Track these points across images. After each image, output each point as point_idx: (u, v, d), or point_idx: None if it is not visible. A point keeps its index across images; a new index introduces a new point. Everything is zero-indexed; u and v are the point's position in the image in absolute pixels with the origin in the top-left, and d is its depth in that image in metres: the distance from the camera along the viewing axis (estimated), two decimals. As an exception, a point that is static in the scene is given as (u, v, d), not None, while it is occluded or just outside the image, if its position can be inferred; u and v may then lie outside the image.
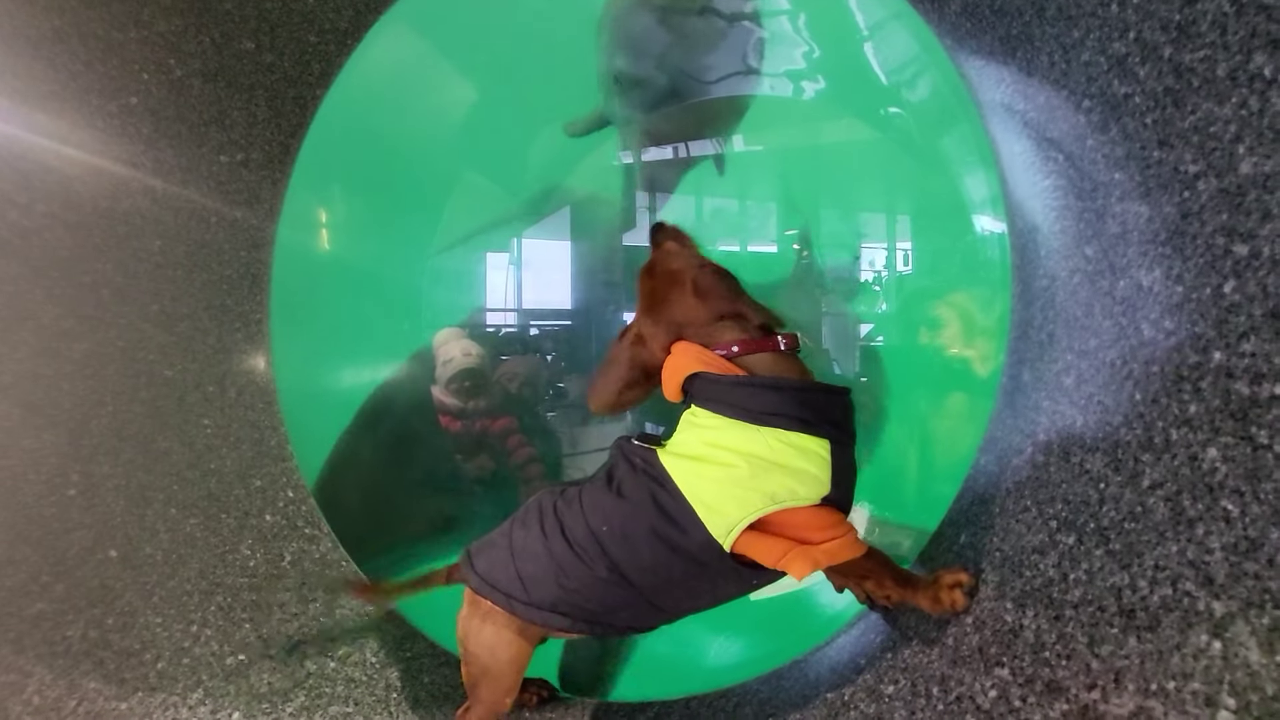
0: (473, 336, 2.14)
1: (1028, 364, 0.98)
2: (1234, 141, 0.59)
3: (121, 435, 1.37)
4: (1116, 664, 0.58)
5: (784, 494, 0.80)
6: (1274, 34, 0.55)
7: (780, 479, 0.80)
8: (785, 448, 0.81)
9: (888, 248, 2.34)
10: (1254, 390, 0.54)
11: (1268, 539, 0.49)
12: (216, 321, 1.60)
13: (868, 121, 2.19)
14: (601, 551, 0.87)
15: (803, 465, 0.81)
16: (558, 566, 0.90)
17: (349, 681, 1.25)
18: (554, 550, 0.91)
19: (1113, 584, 0.63)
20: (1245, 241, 0.58)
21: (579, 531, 0.89)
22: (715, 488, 0.82)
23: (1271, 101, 0.56)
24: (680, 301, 0.94)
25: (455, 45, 1.94)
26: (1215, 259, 0.61)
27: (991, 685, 0.72)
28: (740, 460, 0.81)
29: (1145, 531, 0.62)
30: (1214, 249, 0.61)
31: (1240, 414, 0.55)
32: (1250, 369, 0.55)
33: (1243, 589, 0.49)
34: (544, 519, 0.94)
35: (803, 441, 0.81)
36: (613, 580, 0.87)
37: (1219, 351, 0.59)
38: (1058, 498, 0.79)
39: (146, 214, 1.49)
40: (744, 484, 0.80)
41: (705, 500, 0.82)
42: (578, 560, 0.89)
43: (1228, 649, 0.49)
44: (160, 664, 1.17)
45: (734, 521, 0.81)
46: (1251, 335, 0.55)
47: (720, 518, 0.81)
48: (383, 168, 1.92)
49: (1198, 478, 0.58)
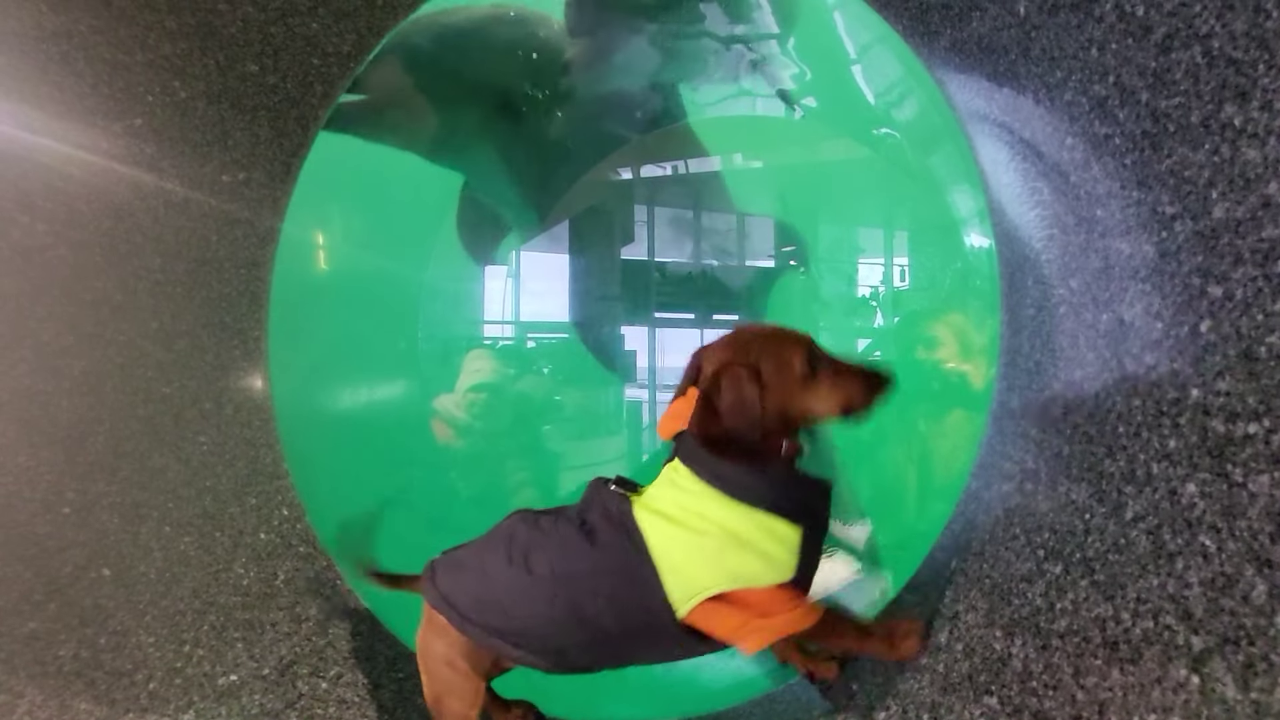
0: (462, 345, 2.14)
1: (1017, 390, 1.00)
2: (1208, 186, 0.62)
3: (118, 453, 1.38)
4: (1100, 695, 0.59)
5: (748, 574, 0.81)
6: (1242, 86, 0.58)
7: (747, 559, 0.81)
8: (758, 529, 0.81)
9: (884, 263, 2.37)
10: (1229, 428, 0.56)
11: (1243, 575, 0.50)
12: (215, 339, 1.61)
13: (859, 139, 2.23)
14: (556, 593, 0.87)
15: (772, 549, 0.81)
16: (513, 598, 0.90)
17: (340, 703, 1.24)
18: (514, 581, 0.90)
19: (1097, 615, 0.64)
20: (1219, 283, 0.60)
21: (542, 568, 0.89)
22: (684, 553, 0.82)
23: (1241, 150, 0.58)
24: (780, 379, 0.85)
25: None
26: (1192, 298, 0.63)
27: (980, 714, 0.73)
28: (713, 532, 0.82)
29: (1128, 564, 0.63)
30: (1190, 289, 0.63)
31: (1217, 451, 0.56)
32: (1225, 407, 0.57)
33: (1219, 624, 0.51)
34: (512, 546, 0.93)
35: (776, 525, 0.82)
36: (564, 622, 0.88)
37: (1196, 389, 0.60)
38: (1045, 526, 0.80)
39: (148, 232, 1.51)
40: (711, 556, 0.81)
41: (673, 563, 0.83)
42: (533, 597, 0.89)
43: (1205, 684, 0.50)
44: (152, 684, 1.17)
45: (697, 590, 0.82)
46: (1227, 374, 0.57)
47: (683, 584, 0.82)
48: (382, 187, 1.94)
49: (1177, 512, 0.59)
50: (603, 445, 2.47)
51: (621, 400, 2.46)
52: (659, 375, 2.44)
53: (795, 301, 2.38)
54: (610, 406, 2.49)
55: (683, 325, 2.52)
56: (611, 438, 2.51)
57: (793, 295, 2.39)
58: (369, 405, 1.84)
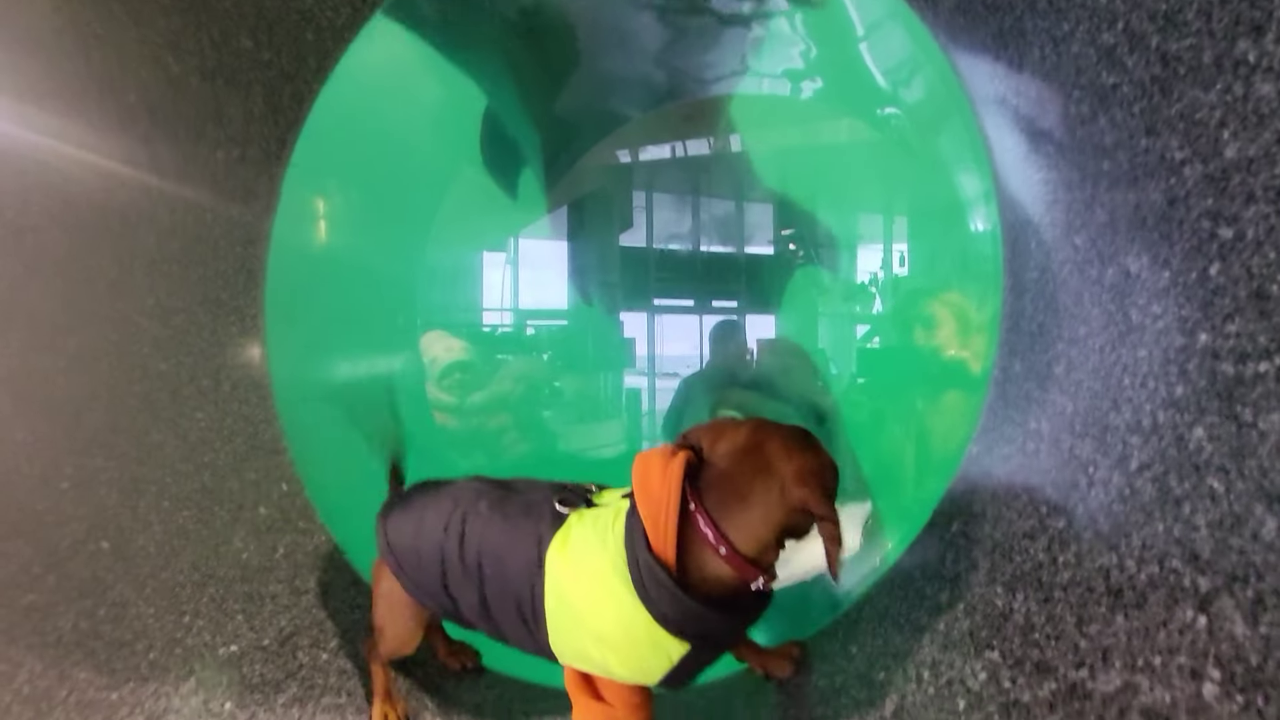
0: (462, 335, 2.14)
1: (1019, 355, 0.99)
2: (1219, 127, 0.60)
3: (115, 429, 1.37)
4: (1104, 642, 0.59)
5: (610, 671, 0.81)
6: (1257, 20, 0.56)
7: (614, 660, 0.80)
8: (644, 637, 0.77)
9: (884, 248, 2.35)
10: (1239, 369, 0.55)
11: (1252, 514, 0.49)
12: (211, 316, 1.60)
13: (865, 120, 2.20)
14: (480, 583, 0.89)
15: (643, 657, 0.79)
16: (445, 569, 0.92)
17: (341, 673, 1.24)
18: (447, 553, 0.92)
19: (1101, 565, 0.64)
20: (1230, 225, 0.58)
21: (470, 553, 0.90)
22: (567, 626, 0.82)
23: (1255, 86, 0.56)
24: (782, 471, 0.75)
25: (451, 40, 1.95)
26: (1201, 243, 0.62)
27: (982, 668, 0.72)
28: (602, 617, 0.79)
29: (1133, 513, 0.63)
30: (1200, 233, 0.62)
31: (1225, 393, 0.55)
32: (1235, 349, 0.56)
33: (1227, 563, 0.50)
34: (452, 516, 0.94)
35: (665, 641, 0.77)
36: (477, 608, 0.90)
37: (1205, 333, 0.59)
38: (1048, 483, 0.79)
39: (143, 210, 1.49)
40: (585, 643, 0.81)
41: (556, 626, 0.84)
42: (461, 576, 0.90)
43: (1213, 623, 0.49)
44: (152, 654, 1.17)
45: (568, 656, 0.85)
46: (1236, 316, 0.56)
47: (559, 645, 0.85)
48: (379, 162, 1.92)
49: (1184, 457, 0.58)
50: (603, 430, 2.46)
51: (621, 387, 2.45)
52: (658, 363, 2.43)
53: (795, 288, 2.37)
54: (610, 392, 2.48)
55: (682, 312, 2.51)
56: (611, 422, 2.50)
57: (793, 281, 2.38)
58: (367, 382, 1.83)
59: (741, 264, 2.49)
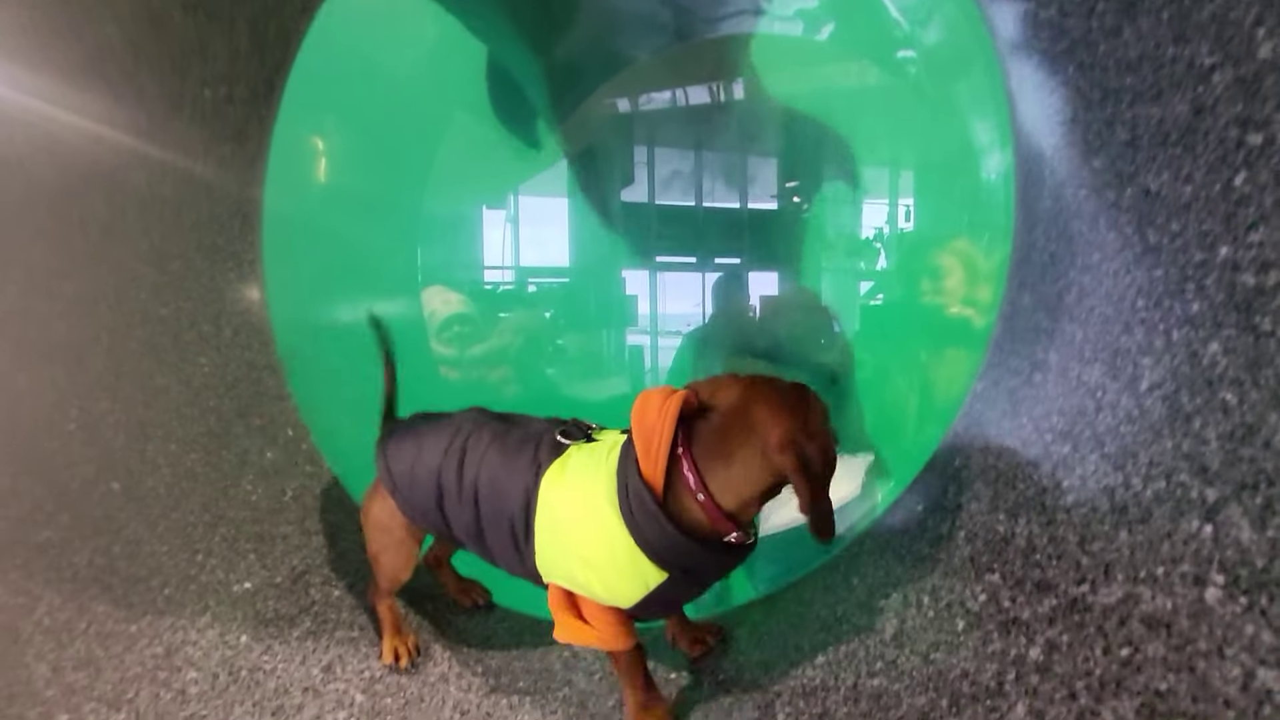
0: (463, 290, 2.12)
1: (1028, 287, 0.97)
2: (1254, 26, 0.57)
3: (118, 373, 1.37)
4: (1106, 558, 0.59)
5: (590, 590, 0.84)
6: (1303, -97, 0.52)
7: (596, 580, 0.83)
8: (627, 562, 0.80)
9: (890, 202, 2.29)
10: (1260, 279, 0.53)
11: (1265, 423, 0.49)
12: (209, 261, 1.57)
13: (880, 65, 2.11)
14: (476, 504, 0.91)
15: (626, 583, 0.81)
16: (441, 491, 0.94)
17: (354, 609, 1.27)
18: (445, 474, 0.94)
19: (1106, 485, 0.63)
20: (1259, 130, 0.56)
21: (469, 476, 0.92)
22: (555, 546, 0.85)
23: (1296, -24, 0.53)
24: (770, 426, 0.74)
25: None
26: (1227, 153, 0.59)
27: (981, 590, 0.73)
28: (588, 539, 0.82)
29: (1141, 433, 0.62)
30: (1226, 142, 0.60)
31: (1244, 305, 0.54)
32: (1257, 259, 0.54)
33: (1237, 473, 0.49)
34: (453, 442, 0.96)
35: (645, 566, 0.80)
36: (470, 529, 0.93)
37: (1226, 246, 0.57)
38: (1054, 411, 0.78)
39: (131, 149, 1.46)
40: (572, 562, 0.84)
41: (543, 544, 0.86)
42: (456, 498, 0.93)
43: (1219, 531, 0.49)
44: (167, 590, 1.20)
45: (552, 574, 0.87)
46: (1261, 225, 0.54)
47: (546, 563, 0.87)
48: (373, 100, 1.86)
49: (1197, 373, 0.57)
50: (606, 386, 2.46)
51: (624, 344, 2.44)
52: (660, 321, 2.42)
53: (798, 242, 2.31)
54: (613, 350, 2.47)
55: (684, 269, 2.47)
56: (615, 378, 2.50)
57: (796, 235, 2.32)
58: (370, 330, 1.83)
59: (745, 219, 2.44)
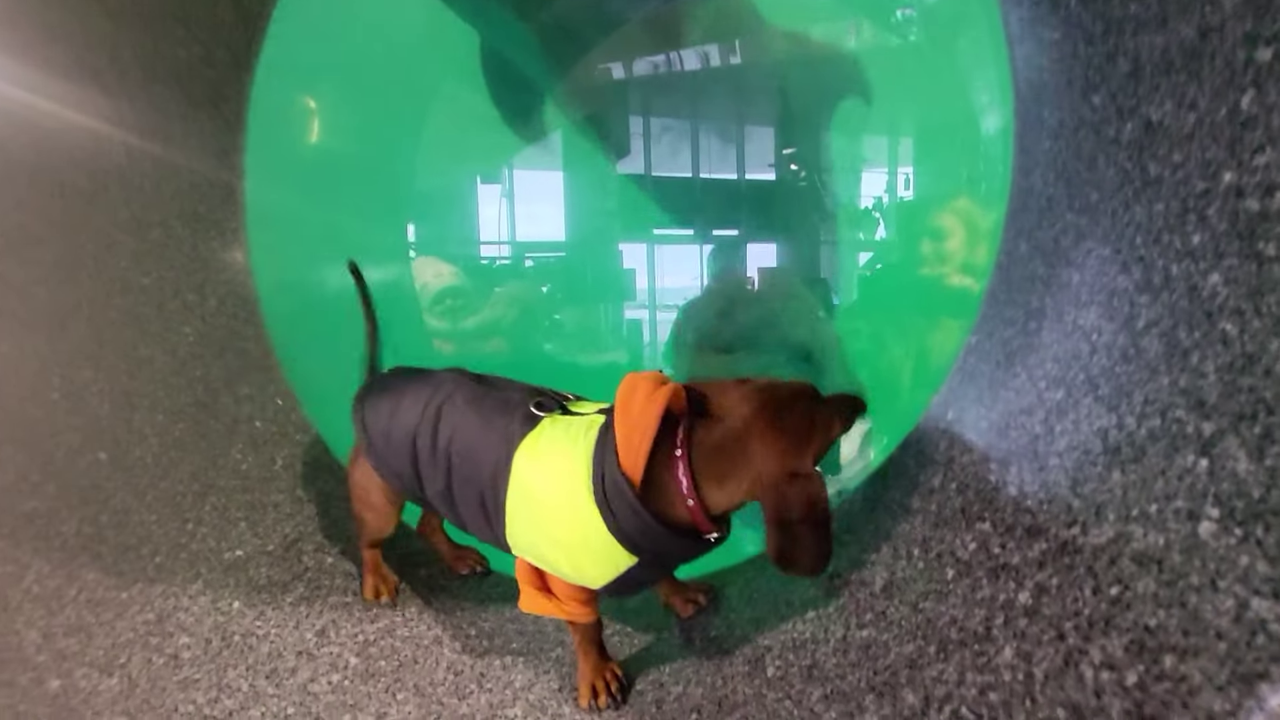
0: (458, 263, 2.09)
1: (1025, 234, 0.94)
2: (1266, -66, 0.53)
3: (101, 341, 1.35)
4: (1098, 499, 0.57)
5: (559, 569, 0.84)
6: None
7: (565, 560, 0.83)
8: (598, 544, 0.79)
9: (890, 171, 2.24)
10: (1265, 204, 0.50)
11: (1267, 350, 0.46)
12: (190, 230, 1.54)
13: (880, 25, 2.05)
14: (448, 471, 0.90)
15: (596, 565, 0.81)
16: (415, 453, 0.93)
17: (347, 575, 1.27)
18: (420, 437, 0.93)
19: (1100, 427, 0.61)
20: (1269, 45, 0.52)
21: (442, 441, 0.91)
22: (525, 520, 0.84)
23: (1313, -126, 0.49)
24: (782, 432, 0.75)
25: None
26: (1234, 74, 0.56)
27: (972, 539, 0.72)
28: (559, 521, 0.81)
29: (1137, 371, 0.60)
30: (1233, 63, 0.56)
31: (1247, 232, 0.51)
32: (1262, 183, 0.51)
33: (1235, 404, 0.47)
34: (429, 403, 0.94)
35: (615, 551, 0.79)
36: (442, 493, 0.92)
37: (1230, 172, 0.55)
38: (1048, 358, 0.76)
39: (106, 112, 1.41)
40: (541, 540, 0.83)
41: (514, 517, 0.85)
42: (430, 461, 0.92)
43: (1215, 464, 0.47)
44: (158, 558, 1.19)
45: (521, 548, 0.87)
46: (1267, 147, 0.51)
47: (514, 537, 0.87)
48: (357, 61, 1.81)
49: (1196, 306, 0.55)
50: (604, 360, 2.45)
51: (621, 318, 2.42)
52: (659, 295, 2.39)
53: (796, 212, 2.27)
54: (610, 324, 2.45)
55: (682, 241, 2.44)
56: (612, 352, 2.48)
57: (793, 205, 2.27)
58: (356, 299, 1.81)
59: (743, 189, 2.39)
